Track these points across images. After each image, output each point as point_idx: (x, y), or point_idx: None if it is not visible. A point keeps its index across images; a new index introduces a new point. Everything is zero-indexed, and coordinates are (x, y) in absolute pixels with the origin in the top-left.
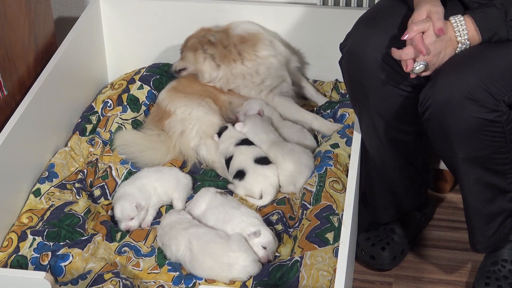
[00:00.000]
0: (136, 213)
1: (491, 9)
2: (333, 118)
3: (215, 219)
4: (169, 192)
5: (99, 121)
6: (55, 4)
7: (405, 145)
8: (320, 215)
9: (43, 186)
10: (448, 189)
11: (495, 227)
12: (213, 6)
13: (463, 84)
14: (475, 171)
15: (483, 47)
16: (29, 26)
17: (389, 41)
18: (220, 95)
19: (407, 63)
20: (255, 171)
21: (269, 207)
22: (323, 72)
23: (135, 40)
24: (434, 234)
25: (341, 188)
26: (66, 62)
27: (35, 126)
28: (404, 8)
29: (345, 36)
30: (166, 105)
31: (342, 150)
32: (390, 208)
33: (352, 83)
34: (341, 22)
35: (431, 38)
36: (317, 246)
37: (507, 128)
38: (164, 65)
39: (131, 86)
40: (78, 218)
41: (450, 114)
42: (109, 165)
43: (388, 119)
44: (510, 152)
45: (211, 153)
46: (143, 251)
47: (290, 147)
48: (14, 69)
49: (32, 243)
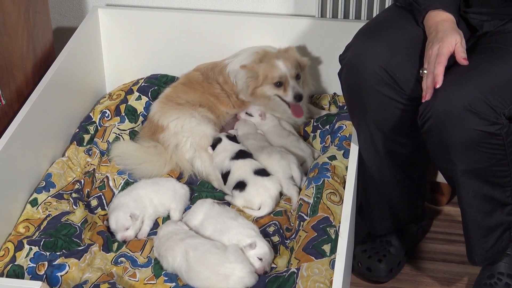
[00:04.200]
0: (131, 223)
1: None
2: (330, 131)
3: (212, 230)
4: (166, 204)
5: (97, 131)
6: (54, 14)
7: (402, 158)
8: (317, 227)
9: (40, 196)
10: (445, 202)
11: (493, 240)
12: (212, 17)
13: (464, 97)
14: (474, 183)
15: (483, 60)
16: (28, 36)
17: (389, 54)
18: (219, 106)
19: (429, 92)
20: (256, 183)
21: (266, 218)
22: (321, 85)
23: (134, 50)
24: (430, 247)
25: (338, 200)
26: (65, 72)
27: (33, 135)
28: (404, 20)
29: (345, 48)
30: (158, 119)
31: (339, 162)
32: (386, 220)
33: (351, 95)
34: (339, 34)
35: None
36: (314, 258)
37: (507, 141)
38: (162, 76)
39: (129, 96)
40: (75, 228)
41: (450, 126)
42: (106, 175)
43: (386, 131)
44: (509, 164)
45: (206, 166)
46: (139, 261)
47: (278, 149)
48: (12, 79)
49: (29, 253)
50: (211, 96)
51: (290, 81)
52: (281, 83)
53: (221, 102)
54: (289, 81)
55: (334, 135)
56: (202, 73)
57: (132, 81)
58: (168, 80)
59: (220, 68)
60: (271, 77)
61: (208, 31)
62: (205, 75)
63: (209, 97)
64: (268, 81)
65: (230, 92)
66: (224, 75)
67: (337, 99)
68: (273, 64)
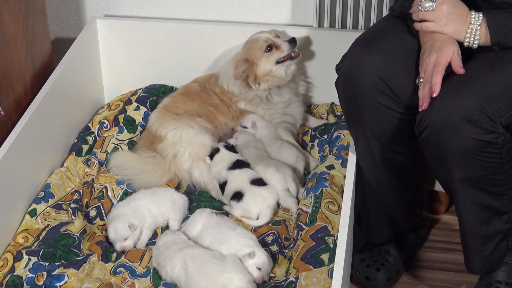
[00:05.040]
0: (130, 233)
1: (506, 14)
2: (328, 140)
3: (211, 240)
4: (165, 214)
5: (95, 141)
6: (52, 25)
7: (400, 166)
8: (316, 236)
9: (39, 206)
10: (443, 211)
11: (491, 248)
12: (210, 27)
13: (461, 106)
14: (471, 192)
15: (480, 69)
16: (26, 47)
17: (386, 63)
18: (219, 116)
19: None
20: (253, 192)
21: (264, 228)
22: (319, 94)
23: (132, 61)
24: (429, 256)
25: (337, 209)
26: (63, 83)
27: (32, 146)
28: (401, 30)
29: (342, 57)
30: (156, 129)
31: (337, 172)
32: (384, 229)
33: (348, 104)
34: (336, 44)
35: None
36: (312, 267)
37: (504, 150)
38: (160, 86)
39: (127, 107)
40: (74, 238)
41: (447, 135)
42: (105, 186)
43: (383, 140)
44: (506, 173)
45: (204, 176)
46: (138, 271)
47: (275, 162)
48: (11, 89)
49: (28, 263)
50: (210, 106)
51: (275, 38)
52: (270, 45)
53: (221, 112)
54: (274, 39)
55: (332, 144)
56: (199, 84)
57: (130, 91)
58: (167, 90)
59: (214, 79)
60: (259, 47)
61: (206, 41)
62: (203, 86)
63: (208, 107)
64: (259, 53)
65: (230, 103)
66: (219, 86)
67: (335, 108)
68: (253, 40)
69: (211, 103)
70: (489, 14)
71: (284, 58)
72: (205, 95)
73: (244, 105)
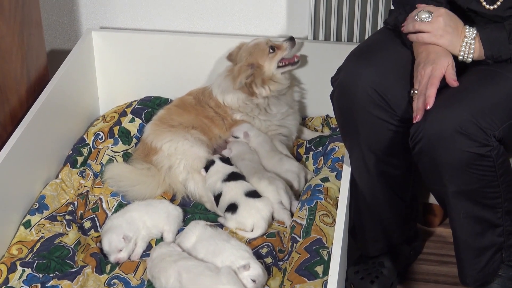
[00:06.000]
0: (124, 245)
1: (498, 28)
2: (323, 153)
3: (205, 252)
4: (160, 225)
5: (90, 153)
6: (48, 37)
7: (394, 179)
8: (310, 248)
9: (33, 218)
10: (437, 223)
11: (484, 261)
12: (205, 39)
13: (454, 119)
14: (465, 204)
15: (474, 82)
16: (22, 58)
17: (380, 75)
18: (213, 128)
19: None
20: (248, 204)
21: (259, 240)
22: (314, 107)
23: (127, 73)
24: (423, 268)
25: (331, 221)
26: (58, 94)
27: (27, 157)
28: (395, 42)
29: (337, 70)
30: (151, 141)
31: (332, 184)
32: (379, 242)
33: (343, 116)
34: (331, 56)
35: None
36: (307, 279)
37: (497, 163)
38: (156, 98)
39: (122, 118)
40: (68, 250)
41: (441, 148)
42: (99, 197)
43: (378, 153)
44: (500, 186)
45: (199, 188)
46: (132, 283)
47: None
48: (6, 101)
49: (22, 275)
50: (205, 119)
51: (272, 39)
52: (272, 47)
53: (216, 124)
54: (272, 41)
55: (327, 156)
56: (194, 97)
57: (125, 103)
58: (162, 102)
59: (208, 93)
60: (262, 50)
61: (201, 53)
62: (197, 99)
63: (203, 119)
64: (263, 55)
65: (225, 115)
66: (214, 99)
67: (330, 121)
68: (253, 45)
69: (206, 116)
70: (482, 29)
71: (286, 62)
72: (200, 108)
73: (240, 116)
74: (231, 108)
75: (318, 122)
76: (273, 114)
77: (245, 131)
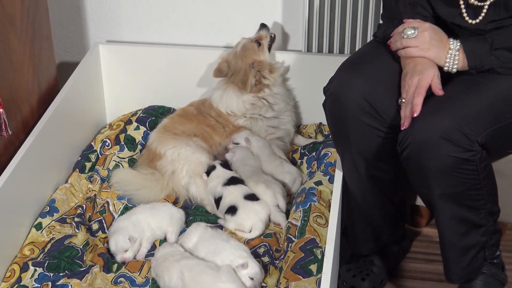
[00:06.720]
0: (130, 245)
1: (480, 40)
2: (316, 157)
3: (206, 251)
4: (163, 227)
5: (98, 159)
6: (58, 49)
7: (384, 183)
8: (304, 248)
9: (44, 220)
10: (424, 224)
11: (468, 259)
12: (206, 52)
13: (440, 126)
14: (450, 206)
15: (458, 91)
16: (33, 71)
17: (370, 85)
18: (214, 136)
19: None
20: (246, 207)
21: (256, 240)
22: (308, 115)
23: (132, 83)
24: (411, 266)
25: (324, 222)
26: (68, 104)
27: (38, 164)
28: (384, 54)
29: (329, 80)
30: (156, 147)
31: (325, 187)
32: (369, 241)
33: (335, 124)
34: (324, 67)
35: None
36: (301, 277)
37: (480, 167)
38: (159, 107)
39: (128, 126)
40: (77, 250)
41: (427, 153)
42: (106, 201)
43: (368, 158)
44: (483, 188)
45: (200, 191)
46: (138, 281)
47: (264, 178)
48: (18, 111)
49: (34, 274)
50: (206, 127)
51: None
52: (257, 40)
53: (217, 132)
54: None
55: (320, 161)
56: (195, 107)
57: (131, 112)
58: (165, 111)
59: (208, 104)
60: (251, 48)
61: (202, 65)
62: (199, 110)
63: (205, 127)
64: (255, 52)
65: (226, 123)
66: (215, 109)
67: (323, 128)
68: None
69: (208, 124)
70: (465, 41)
71: (270, 44)
72: (202, 117)
73: (243, 122)
74: (236, 115)
75: (312, 129)
76: (277, 110)
77: (246, 137)
